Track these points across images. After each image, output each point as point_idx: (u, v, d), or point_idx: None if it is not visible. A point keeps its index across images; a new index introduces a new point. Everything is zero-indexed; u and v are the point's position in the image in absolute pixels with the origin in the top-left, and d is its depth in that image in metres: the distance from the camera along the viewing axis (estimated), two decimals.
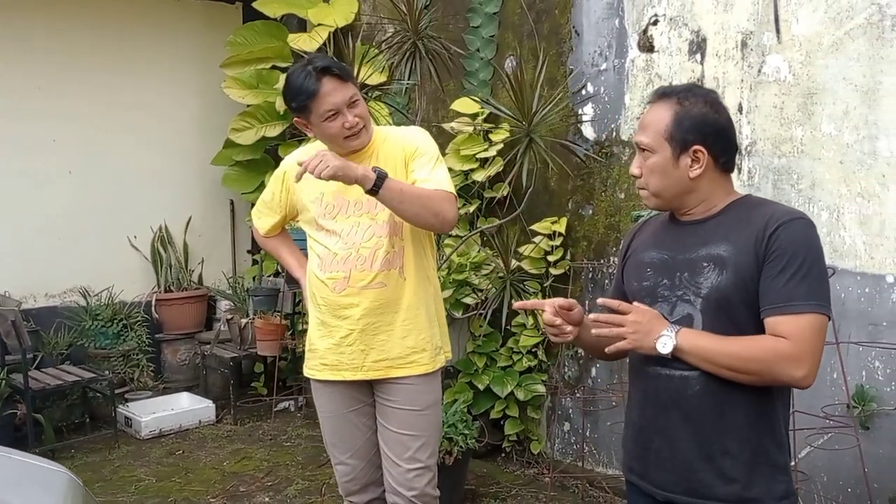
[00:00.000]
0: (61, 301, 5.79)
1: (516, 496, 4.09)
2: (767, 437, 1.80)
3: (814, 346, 1.70)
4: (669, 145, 1.83)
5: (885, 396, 3.18)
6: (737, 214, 1.84)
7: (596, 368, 4.28)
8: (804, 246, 1.73)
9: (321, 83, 2.48)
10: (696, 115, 1.82)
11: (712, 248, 1.81)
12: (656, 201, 1.91)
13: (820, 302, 1.71)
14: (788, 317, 1.70)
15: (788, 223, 1.74)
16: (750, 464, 1.78)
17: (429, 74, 4.18)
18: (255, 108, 5.77)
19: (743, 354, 1.72)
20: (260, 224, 2.94)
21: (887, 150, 3.12)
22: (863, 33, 3.17)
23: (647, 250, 1.97)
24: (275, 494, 4.20)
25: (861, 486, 3.16)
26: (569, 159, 4.25)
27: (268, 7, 5.73)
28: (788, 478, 1.82)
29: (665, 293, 1.87)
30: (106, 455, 4.82)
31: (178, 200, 6.32)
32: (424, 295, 2.69)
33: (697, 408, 1.80)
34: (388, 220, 2.59)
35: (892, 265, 3.13)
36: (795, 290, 1.70)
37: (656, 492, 1.90)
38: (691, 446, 1.82)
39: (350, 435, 2.76)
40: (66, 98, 5.73)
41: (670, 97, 1.86)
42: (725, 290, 1.77)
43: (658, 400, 1.87)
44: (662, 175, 1.85)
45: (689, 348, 1.75)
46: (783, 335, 1.70)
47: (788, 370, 1.69)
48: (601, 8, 4.12)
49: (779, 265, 1.72)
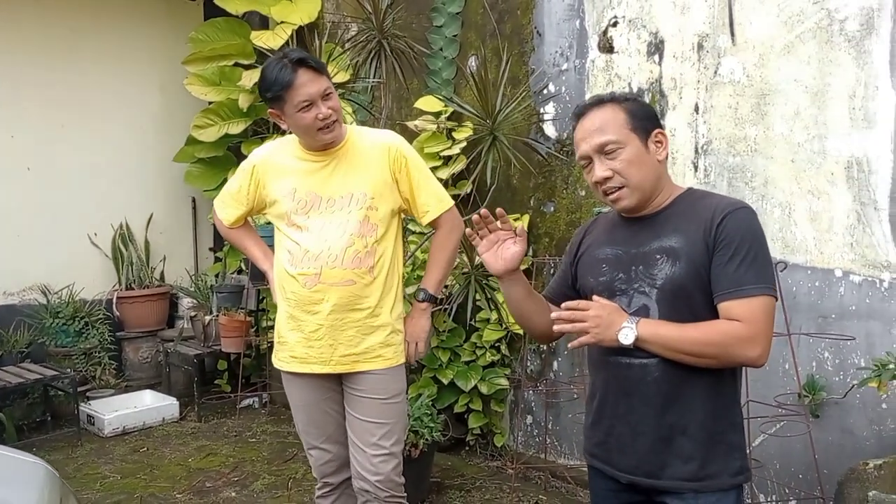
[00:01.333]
0: (20, 299, 5.73)
1: (480, 488, 4.17)
2: (723, 418, 1.89)
3: (766, 326, 1.81)
4: (636, 135, 1.91)
5: (834, 386, 3.31)
6: (684, 207, 1.94)
7: (558, 362, 4.37)
8: (749, 233, 1.83)
9: (297, 74, 2.54)
10: (641, 107, 1.97)
11: (664, 241, 1.90)
12: (638, 196, 1.93)
13: (768, 284, 1.82)
14: (741, 300, 1.80)
15: (733, 213, 1.85)
16: (707, 444, 1.88)
17: (393, 73, 4.23)
18: (217, 105, 5.77)
19: (701, 339, 1.81)
20: (224, 215, 2.95)
21: (835, 150, 3.25)
22: (813, 37, 3.30)
23: (600, 247, 2.05)
24: (241, 489, 4.23)
25: (811, 472, 3.29)
26: (531, 157, 4.33)
27: (229, 4, 5.72)
28: (743, 455, 1.93)
29: (622, 287, 1.94)
30: (69, 453, 4.80)
31: (140, 197, 6.30)
32: (392, 293, 2.76)
33: (656, 393, 1.88)
34: (361, 219, 2.65)
35: (841, 260, 3.27)
36: (745, 275, 1.80)
37: (620, 475, 1.98)
38: (651, 430, 1.90)
39: (322, 422, 2.83)
40: (25, 94, 5.68)
41: (607, 102, 1.96)
42: (680, 279, 1.86)
43: (619, 388, 1.95)
44: (640, 165, 1.92)
45: (650, 337, 1.84)
46: (737, 318, 1.80)
47: (744, 351, 1.79)
48: (562, 9, 4.21)
49: (728, 253, 1.82)
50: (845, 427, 3.29)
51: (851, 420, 3.27)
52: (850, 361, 3.26)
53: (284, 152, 2.77)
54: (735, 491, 1.90)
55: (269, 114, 2.69)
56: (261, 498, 4.12)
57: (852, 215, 3.23)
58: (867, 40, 3.15)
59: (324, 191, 2.67)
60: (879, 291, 3.17)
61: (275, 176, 2.75)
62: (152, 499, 4.13)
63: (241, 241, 3.03)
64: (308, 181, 2.69)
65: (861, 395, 3.21)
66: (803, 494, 3.40)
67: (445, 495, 4.07)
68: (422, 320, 2.85)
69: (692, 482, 1.88)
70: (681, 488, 1.89)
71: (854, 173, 3.22)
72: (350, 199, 2.66)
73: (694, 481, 1.88)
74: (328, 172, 2.69)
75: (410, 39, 4.40)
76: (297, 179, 2.70)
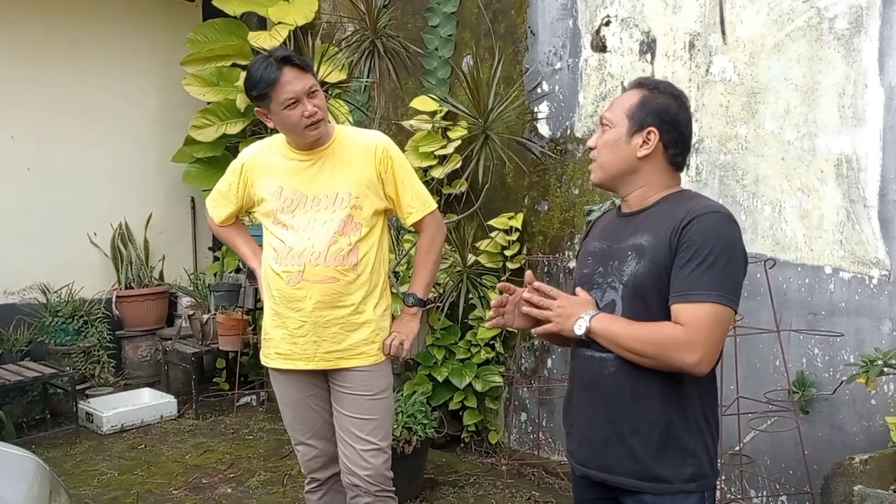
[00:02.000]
0: (21, 298, 5.75)
1: (474, 484, 4.19)
2: (678, 421, 1.86)
3: (708, 334, 1.76)
4: (628, 122, 1.93)
5: (823, 382, 3.33)
6: (665, 207, 1.93)
7: (552, 360, 4.40)
8: (713, 238, 1.79)
9: (282, 72, 2.56)
10: (660, 103, 1.94)
11: (637, 238, 1.91)
12: (600, 175, 2.00)
13: (721, 293, 1.77)
14: (687, 305, 1.78)
15: (702, 216, 1.82)
16: (658, 445, 1.85)
17: (387, 73, 4.26)
18: (215, 105, 5.80)
19: (642, 338, 1.81)
20: (215, 213, 2.98)
21: (825, 148, 3.28)
22: (802, 35, 3.32)
23: (593, 240, 2.08)
24: (237, 486, 4.26)
25: (801, 468, 3.31)
26: (525, 156, 4.36)
27: (227, 5, 5.74)
28: (700, 462, 1.87)
29: (599, 280, 1.97)
30: (67, 450, 4.83)
31: (139, 197, 6.32)
32: (375, 291, 2.77)
33: (612, 388, 1.89)
34: (344, 217, 2.67)
35: (830, 257, 3.29)
36: (698, 280, 1.77)
37: (576, 466, 2.03)
38: (604, 423, 1.91)
39: (309, 418, 2.85)
40: (25, 95, 5.70)
41: (644, 86, 1.97)
42: (641, 277, 1.86)
43: (581, 380, 1.99)
44: (613, 148, 1.95)
45: (599, 331, 1.86)
46: (680, 322, 1.78)
47: (680, 356, 1.76)
48: (556, 9, 4.24)
49: (686, 256, 1.80)
50: (835, 423, 3.31)
51: (841, 416, 3.29)
52: (840, 358, 3.28)
53: (272, 151, 2.80)
54: (696, 497, 1.87)
55: (256, 112, 2.72)
56: (256, 494, 4.14)
57: (842, 212, 3.25)
58: (856, 38, 3.18)
59: (309, 189, 2.70)
60: (868, 288, 3.19)
61: (262, 174, 2.78)
62: (149, 495, 4.16)
63: (230, 239, 3.06)
64: (294, 180, 2.72)
65: (850, 391, 3.24)
66: (793, 490, 3.42)
67: (439, 491, 4.09)
68: (412, 323, 2.87)
69: (640, 481, 1.87)
70: (629, 486, 1.89)
71: (844, 171, 3.24)
72: (335, 199, 2.69)
73: (643, 481, 1.87)
74: (314, 171, 2.72)
75: (406, 39, 4.44)
76: (283, 178, 2.73)
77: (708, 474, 1.90)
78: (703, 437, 1.89)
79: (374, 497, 2.79)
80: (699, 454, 1.88)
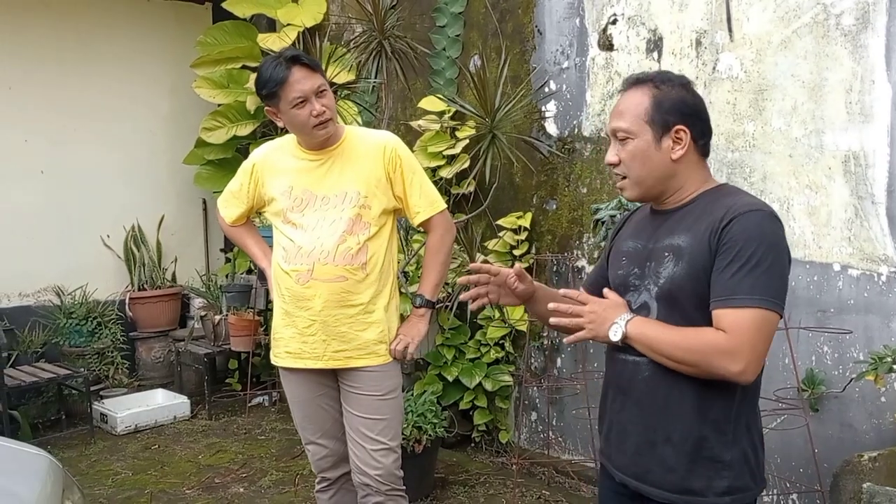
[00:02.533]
0: (35, 300, 5.82)
1: (484, 483, 4.21)
2: (714, 431, 1.77)
3: (753, 341, 1.67)
4: (651, 128, 1.81)
5: (833, 380, 3.32)
6: (704, 204, 1.82)
7: (561, 359, 4.40)
8: (756, 239, 1.68)
9: (291, 71, 2.59)
10: (675, 97, 1.82)
11: (675, 239, 1.81)
12: (637, 190, 1.87)
13: (765, 297, 1.67)
14: (730, 310, 1.68)
15: (744, 215, 1.71)
16: (690, 456, 1.77)
17: (395, 73, 4.27)
18: (225, 107, 5.83)
19: (683, 345, 1.72)
20: (226, 213, 3.01)
21: (833, 144, 3.26)
22: (809, 32, 3.31)
23: (627, 239, 1.98)
24: (249, 485, 4.29)
25: (811, 466, 3.30)
26: (533, 155, 4.36)
27: (237, 7, 5.79)
28: (736, 473, 1.78)
29: (635, 282, 1.87)
30: (82, 450, 4.88)
31: (151, 199, 6.37)
32: (384, 291, 2.79)
33: (646, 394, 1.82)
34: (353, 216, 2.69)
35: (839, 254, 3.27)
36: (740, 283, 1.67)
37: (615, 472, 1.93)
38: (639, 430, 1.84)
39: (319, 417, 2.87)
40: (37, 99, 5.76)
41: (645, 83, 1.85)
42: (679, 280, 1.77)
43: (617, 384, 1.91)
44: (644, 160, 1.82)
45: (636, 336, 1.77)
46: (723, 328, 1.68)
47: (724, 364, 1.67)
48: (562, 7, 4.24)
49: (728, 258, 1.69)
50: (844, 421, 3.30)
51: (851, 414, 3.28)
52: (849, 355, 3.27)
53: (283, 151, 2.83)
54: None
55: (266, 111, 2.75)
56: (268, 493, 4.17)
57: (850, 209, 3.23)
58: (863, 34, 3.16)
59: (319, 189, 2.72)
60: (877, 285, 3.18)
61: (273, 174, 2.81)
62: (162, 494, 4.20)
63: (241, 239, 3.08)
64: (304, 179, 2.74)
65: (860, 389, 3.22)
66: (804, 488, 3.41)
67: (449, 491, 4.11)
68: (419, 324, 2.87)
69: (673, 493, 1.79)
70: (661, 498, 1.81)
71: (851, 167, 3.22)
72: (344, 198, 2.71)
73: (674, 493, 1.79)
74: (324, 171, 2.74)
75: (414, 39, 4.45)
76: (293, 177, 2.76)
77: (748, 487, 1.80)
78: (742, 447, 1.79)
79: (385, 496, 2.80)
80: (736, 466, 1.78)
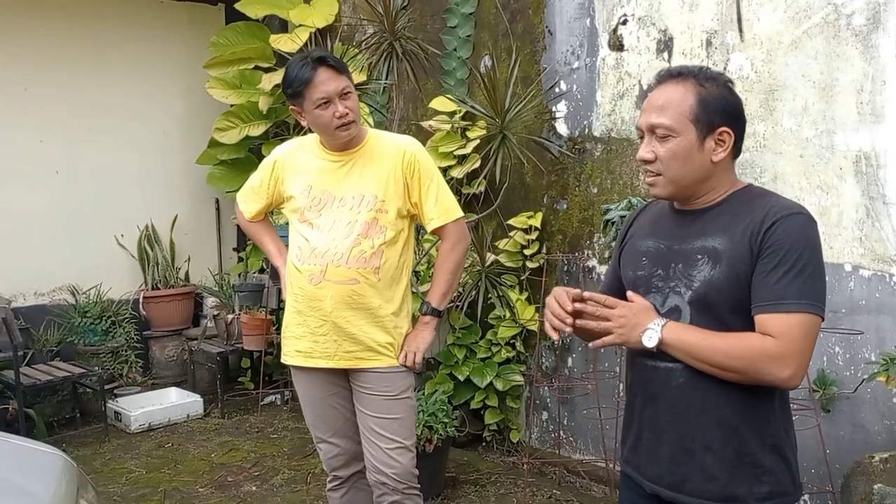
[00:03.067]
0: (50, 299, 5.87)
1: (495, 483, 4.22)
2: (752, 437, 1.74)
3: (802, 346, 1.65)
4: (695, 127, 1.75)
5: (845, 380, 3.31)
6: (737, 205, 1.78)
7: (572, 358, 4.41)
8: (801, 243, 1.67)
9: (316, 72, 2.61)
10: (720, 96, 1.76)
11: (708, 241, 1.76)
12: (671, 189, 1.81)
13: (812, 301, 1.66)
14: (778, 315, 1.65)
15: (787, 218, 1.68)
16: (731, 462, 1.74)
17: (406, 74, 4.29)
18: (238, 107, 5.87)
19: (728, 351, 1.69)
20: (245, 208, 3.02)
21: (844, 144, 3.26)
22: (820, 32, 3.30)
23: (644, 238, 1.93)
24: (261, 484, 4.32)
25: (823, 466, 3.30)
26: (543, 155, 4.37)
27: (250, 8, 5.82)
28: (777, 480, 1.75)
29: (659, 284, 1.83)
30: (97, 448, 4.92)
31: (165, 199, 6.41)
32: (396, 296, 2.80)
33: (681, 400, 1.78)
34: (369, 220, 2.70)
35: (850, 255, 3.27)
36: (787, 288, 1.65)
37: (645, 483, 1.87)
38: (674, 439, 1.80)
39: (330, 417, 2.88)
40: (53, 99, 5.81)
41: (687, 77, 1.78)
42: (717, 283, 1.73)
43: (647, 391, 1.85)
44: (685, 160, 1.76)
45: (674, 342, 1.72)
46: (771, 334, 1.66)
47: (773, 370, 1.65)
48: (573, 8, 4.24)
49: (773, 262, 1.67)
50: (856, 422, 3.29)
51: (863, 415, 3.27)
52: (861, 356, 3.27)
53: (305, 150, 2.85)
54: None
55: (291, 110, 2.78)
56: (280, 492, 4.20)
57: (861, 210, 3.23)
58: (874, 34, 3.15)
59: (337, 190, 2.74)
60: (889, 286, 3.17)
61: (293, 172, 2.82)
62: (175, 492, 4.23)
63: (258, 236, 3.10)
64: (324, 179, 2.76)
65: (872, 390, 3.22)
66: (816, 489, 3.41)
67: (460, 490, 4.12)
68: (424, 333, 2.87)
69: (714, 502, 1.75)
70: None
71: (862, 168, 3.22)
72: (361, 200, 2.72)
73: (716, 501, 1.75)
74: (344, 172, 2.75)
75: (425, 40, 4.47)
76: (313, 177, 2.78)
77: (788, 491, 1.78)
78: (783, 451, 1.77)
79: (401, 495, 2.82)
80: (776, 471, 1.75)
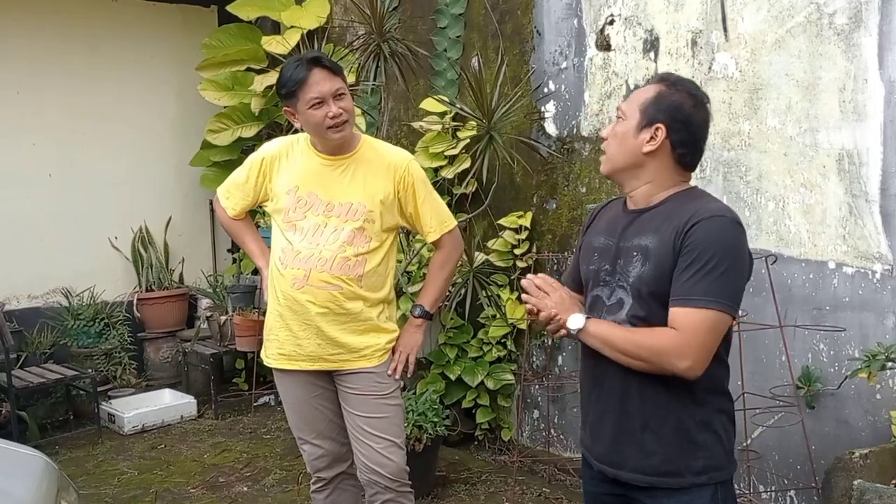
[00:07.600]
0: (44, 302, 5.88)
1: (486, 481, 4.24)
2: (688, 415, 1.88)
3: (701, 340, 1.78)
4: (640, 115, 1.91)
5: (829, 377, 3.34)
6: (672, 206, 1.91)
7: (562, 357, 4.43)
8: (716, 244, 1.79)
9: (311, 72, 2.61)
10: (675, 100, 1.91)
11: (643, 239, 1.90)
12: (608, 166, 2.00)
13: (719, 299, 1.78)
14: (684, 310, 1.79)
15: (707, 220, 1.81)
16: (668, 439, 1.88)
17: (394, 75, 4.30)
18: (230, 109, 5.89)
19: (636, 341, 1.83)
20: (228, 204, 2.94)
21: (827, 143, 3.28)
22: (803, 31, 3.33)
23: (598, 235, 2.06)
24: (253, 484, 4.33)
25: (808, 463, 3.32)
26: (532, 155, 4.39)
27: (242, 10, 5.84)
28: (710, 454, 1.89)
29: (607, 278, 1.97)
30: (89, 450, 4.93)
31: (158, 201, 6.42)
32: (381, 302, 2.81)
33: (622, 384, 1.91)
34: (356, 229, 2.69)
35: (834, 252, 3.29)
36: (696, 285, 1.78)
37: (593, 462, 2.03)
38: (616, 419, 1.94)
39: (313, 418, 2.88)
40: (45, 102, 5.82)
41: (665, 81, 1.95)
42: (647, 279, 1.86)
43: (593, 375, 2.00)
44: (621, 141, 1.94)
45: (592, 329, 1.89)
46: (675, 327, 1.79)
47: (672, 360, 1.79)
48: (560, 8, 4.26)
49: (687, 260, 1.80)
50: (840, 417, 3.31)
51: (847, 411, 3.30)
52: (845, 352, 3.29)
53: (294, 149, 2.81)
54: (709, 489, 1.88)
55: (284, 111, 2.76)
56: (271, 492, 4.22)
57: (844, 207, 3.25)
58: (856, 33, 3.17)
59: (325, 194, 2.72)
60: (872, 283, 3.19)
61: (281, 171, 2.79)
62: (167, 493, 4.25)
63: (240, 235, 3.04)
64: (311, 181, 2.73)
65: (856, 386, 3.24)
66: (801, 485, 3.43)
67: (450, 489, 4.14)
68: (416, 335, 2.90)
69: (651, 476, 1.89)
70: (641, 482, 1.90)
71: (846, 166, 3.24)
72: (348, 209, 2.70)
73: (654, 476, 1.89)
74: (334, 177, 2.73)
75: (415, 41, 4.48)
76: (300, 177, 2.75)
77: (721, 465, 1.91)
78: (714, 428, 1.90)
79: (395, 493, 2.83)
80: (710, 446, 1.89)
